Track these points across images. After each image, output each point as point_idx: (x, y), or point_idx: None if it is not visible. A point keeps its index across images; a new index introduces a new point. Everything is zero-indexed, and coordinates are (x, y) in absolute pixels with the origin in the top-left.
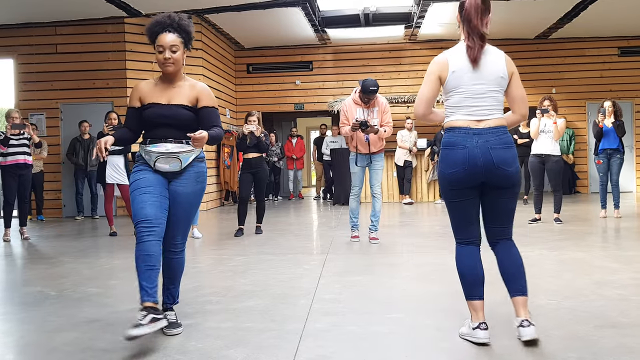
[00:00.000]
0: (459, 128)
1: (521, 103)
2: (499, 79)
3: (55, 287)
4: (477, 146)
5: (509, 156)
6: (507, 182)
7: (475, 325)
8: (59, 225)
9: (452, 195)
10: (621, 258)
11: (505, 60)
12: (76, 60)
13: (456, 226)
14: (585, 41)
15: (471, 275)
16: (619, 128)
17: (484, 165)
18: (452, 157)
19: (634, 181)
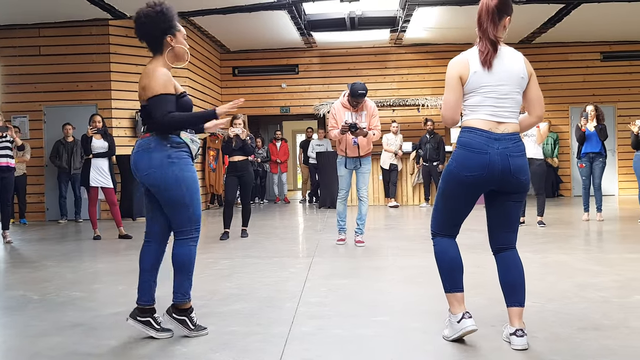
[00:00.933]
0: (480, 130)
1: (538, 104)
2: (520, 80)
3: (38, 291)
4: (497, 153)
5: (523, 164)
6: (518, 188)
7: (459, 317)
8: (42, 229)
9: (455, 196)
10: (603, 261)
11: (524, 60)
12: (60, 62)
13: (442, 222)
14: (569, 46)
15: (456, 266)
16: (601, 132)
17: (501, 172)
18: (472, 160)
19: (616, 185)
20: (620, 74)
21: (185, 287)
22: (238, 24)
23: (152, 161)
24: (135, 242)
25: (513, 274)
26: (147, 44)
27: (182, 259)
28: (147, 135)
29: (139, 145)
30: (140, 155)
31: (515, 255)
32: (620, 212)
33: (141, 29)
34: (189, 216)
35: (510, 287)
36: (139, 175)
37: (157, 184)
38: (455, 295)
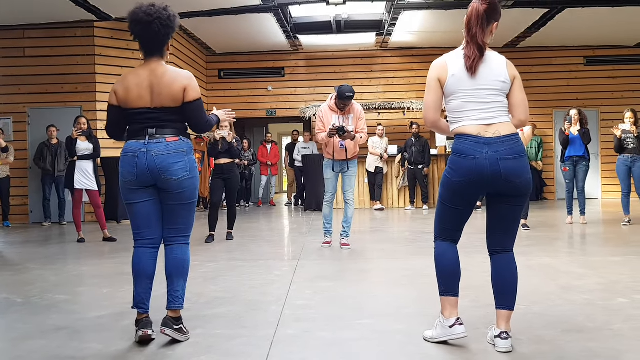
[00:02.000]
0: (468, 135)
1: (523, 108)
2: (501, 84)
3: (22, 294)
4: (486, 157)
5: (518, 167)
6: (514, 192)
7: (452, 323)
8: (25, 232)
9: (450, 200)
10: (587, 263)
11: (507, 64)
12: (44, 64)
13: (442, 227)
14: (553, 50)
15: (451, 269)
16: (584, 136)
17: (491, 177)
18: (461, 165)
19: (599, 188)
20: (604, 79)
21: (184, 291)
22: (224, 26)
23: (188, 165)
24: (120, 244)
25: (505, 277)
26: (152, 45)
27: (185, 264)
28: (175, 138)
29: (170, 147)
30: (177, 157)
31: (509, 259)
32: (604, 215)
33: (151, 31)
34: (194, 219)
35: (500, 290)
36: (172, 177)
37: (186, 186)
38: (449, 299)
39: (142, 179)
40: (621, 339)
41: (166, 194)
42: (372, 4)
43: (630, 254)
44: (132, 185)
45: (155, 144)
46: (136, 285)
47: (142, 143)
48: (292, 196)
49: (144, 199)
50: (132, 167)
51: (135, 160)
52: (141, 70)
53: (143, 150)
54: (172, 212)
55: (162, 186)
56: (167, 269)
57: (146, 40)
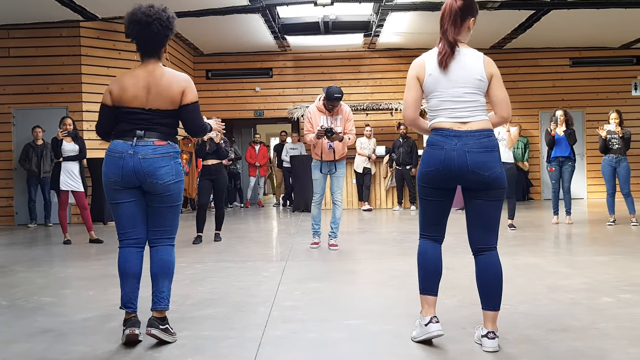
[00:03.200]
0: (442, 129)
1: (503, 105)
2: (477, 82)
3: (7, 296)
4: (454, 149)
5: (486, 160)
6: (485, 186)
7: (427, 320)
8: (10, 233)
9: (425, 193)
10: (573, 263)
11: (484, 62)
12: (30, 64)
13: (425, 222)
14: (538, 52)
15: (433, 270)
16: (570, 136)
17: (458, 168)
18: (430, 156)
19: (584, 188)
20: (589, 80)
21: (170, 292)
22: (212, 26)
23: (174, 169)
24: (107, 246)
25: (489, 278)
26: (150, 46)
27: (170, 265)
28: (162, 142)
29: (157, 151)
30: (164, 161)
31: (493, 258)
32: (589, 215)
33: (150, 31)
34: (178, 220)
35: (485, 291)
36: (157, 182)
37: (172, 191)
38: (427, 298)
39: (127, 181)
40: (607, 338)
41: (152, 196)
42: (360, 5)
43: (615, 253)
44: (117, 186)
45: (143, 147)
46: (123, 285)
47: (129, 144)
48: (280, 197)
49: (128, 199)
50: (117, 168)
51: (121, 161)
52: (138, 71)
53: (130, 152)
54: (157, 214)
55: (147, 189)
56: (152, 270)
57: (144, 42)
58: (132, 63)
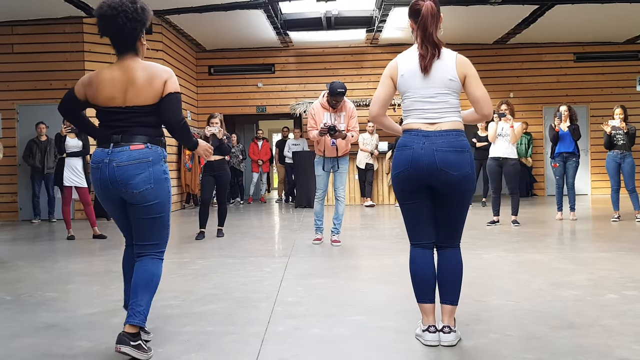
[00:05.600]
0: (411, 130)
1: (482, 103)
2: (448, 82)
3: (11, 291)
4: (422, 147)
5: (454, 159)
6: (453, 186)
7: (424, 328)
8: (14, 229)
9: (403, 197)
10: (577, 259)
11: (456, 62)
12: (33, 60)
13: (409, 227)
14: (542, 47)
15: (423, 278)
16: (574, 132)
17: (427, 167)
18: (399, 158)
19: (589, 184)
20: (593, 75)
21: (149, 308)
22: (214, 22)
23: (152, 176)
24: (110, 242)
25: (447, 273)
26: (121, 41)
27: (154, 278)
28: (140, 146)
29: (132, 157)
30: (138, 168)
31: (454, 255)
32: (593, 212)
33: (118, 25)
34: (167, 233)
35: (443, 285)
36: (133, 191)
37: (151, 200)
38: (423, 306)
39: (107, 193)
40: (611, 334)
41: (132, 207)
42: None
43: (619, 249)
44: (101, 197)
45: (118, 153)
46: (126, 285)
47: (106, 152)
48: (282, 193)
49: (116, 207)
50: (96, 181)
51: (98, 172)
52: (115, 70)
53: (105, 161)
54: (140, 226)
55: (126, 199)
56: (134, 280)
57: (114, 36)
58: None
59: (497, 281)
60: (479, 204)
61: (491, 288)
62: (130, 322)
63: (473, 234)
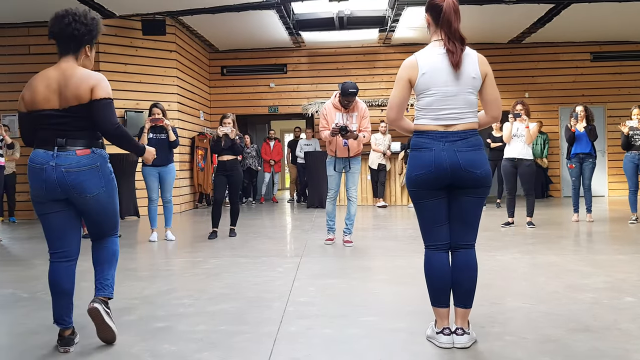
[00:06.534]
0: (426, 132)
1: (494, 105)
2: (471, 80)
3: (27, 289)
4: (443, 149)
5: (476, 158)
6: (474, 183)
7: (438, 330)
8: (31, 227)
9: (419, 197)
10: (593, 262)
11: (478, 60)
12: (49, 61)
13: (424, 228)
14: (558, 46)
15: (439, 282)
16: (591, 133)
17: (450, 167)
18: (419, 159)
19: (605, 185)
20: (610, 75)
21: (114, 279)
22: (227, 23)
23: (102, 179)
24: (124, 240)
25: (462, 275)
26: (63, 41)
27: (116, 253)
28: (86, 151)
29: (82, 163)
30: (90, 174)
31: (469, 256)
32: (610, 213)
33: (63, 23)
34: (118, 218)
35: (458, 287)
36: (86, 195)
37: (103, 201)
38: (438, 311)
39: (52, 194)
40: (629, 338)
41: (82, 208)
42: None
43: (637, 252)
44: (41, 199)
45: (65, 157)
46: (54, 301)
47: (50, 155)
48: (294, 193)
49: (54, 209)
50: (39, 182)
51: (43, 173)
52: (50, 72)
53: (51, 163)
54: (94, 222)
55: (75, 202)
56: (97, 258)
57: (58, 35)
58: (149, 60)
59: (512, 283)
60: (493, 205)
61: (506, 290)
62: (101, 295)
63: (488, 236)
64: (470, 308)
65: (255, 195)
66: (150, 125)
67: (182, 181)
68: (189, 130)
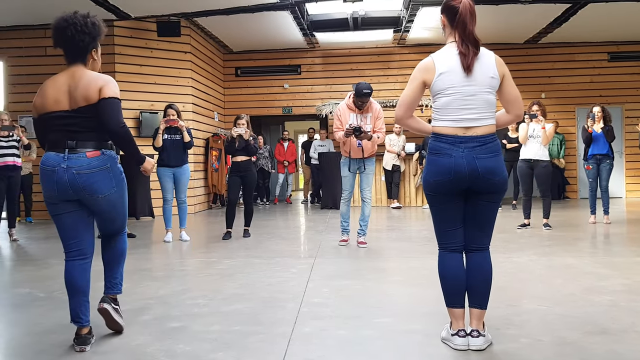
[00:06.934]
0: (445, 135)
1: (515, 103)
2: (490, 80)
3: (44, 288)
4: (462, 155)
5: (495, 165)
6: (490, 189)
7: (454, 332)
8: (47, 227)
9: (436, 201)
10: (611, 264)
11: (496, 60)
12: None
13: (439, 230)
14: (575, 46)
15: (453, 283)
16: (608, 133)
17: (469, 174)
18: (438, 165)
19: (623, 187)
20: (628, 75)
21: (122, 276)
22: (241, 24)
23: (113, 180)
24: (139, 240)
25: (477, 277)
26: (69, 51)
27: (124, 252)
28: (96, 153)
29: (93, 165)
30: (101, 175)
31: (484, 259)
32: (628, 215)
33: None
34: (127, 216)
35: (473, 289)
36: (97, 196)
37: (115, 200)
38: (453, 311)
39: (64, 195)
40: None
41: (94, 208)
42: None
43: None
44: (54, 200)
45: (76, 160)
46: (70, 300)
47: (62, 157)
48: (308, 194)
49: (67, 210)
50: (51, 183)
51: (54, 175)
52: (60, 77)
53: (63, 165)
54: (105, 220)
55: (87, 203)
56: (106, 257)
57: (64, 46)
58: (164, 61)
59: (528, 285)
60: (509, 206)
61: (522, 292)
62: (111, 293)
63: (503, 237)
64: (486, 309)
65: (269, 196)
66: (165, 126)
67: (197, 182)
68: (203, 131)
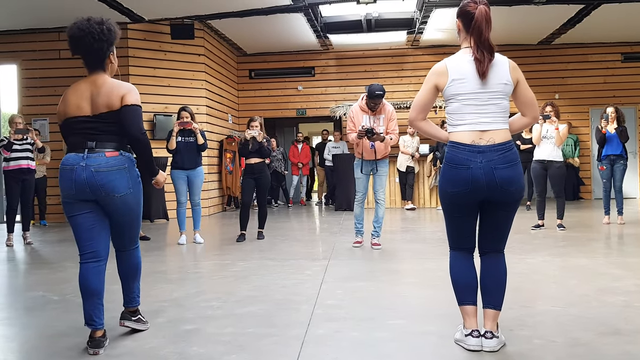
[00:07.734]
0: (463, 145)
1: (531, 106)
2: (503, 86)
3: (58, 291)
4: (480, 167)
5: (512, 175)
6: (509, 198)
7: (467, 332)
8: (61, 230)
9: (451, 211)
10: (625, 265)
11: (509, 66)
12: (79, 65)
13: (452, 235)
14: (589, 47)
15: (464, 280)
16: (622, 134)
17: (486, 185)
18: (455, 176)
19: (637, 187)
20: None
21: (139, 289)
22: (254, 26)
23: (130, 181)
24: (154, 243)
25: (491, 278)
26: (89, 60)
27: (138, 266)
28: (115, 153)
29: (111, 164)
30: (118, 174)
31: (498, 261)
32: None
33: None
34: (140, 227)
35: (487, 290)
36: (114, 195)
37: (130, 202)
38: (465, 308)
39: (81, 194)
40: None
41: (109, 209)
42: (403, 2)
43: None
44: (71, 199)
45: (95, 158)
46: (84, 303)
47: (81, 156)
48: (322, 196)
49: (83, 211)
50: (70, 182)
51: (72, 174)
52: (81, 84)
53: (82, 164)
54: (118, 225)
55: (103, 203)
56: (121, 273)
57: (83, 55)
58: (178, 64)
59: (542, 286)
60: (523, 207)
61: (536, 293)
62: (129, 307)
63: (518, 238)
64: (500, 310)
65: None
66: (179, 128)
67: (211, 184)
68: (217, 133)
